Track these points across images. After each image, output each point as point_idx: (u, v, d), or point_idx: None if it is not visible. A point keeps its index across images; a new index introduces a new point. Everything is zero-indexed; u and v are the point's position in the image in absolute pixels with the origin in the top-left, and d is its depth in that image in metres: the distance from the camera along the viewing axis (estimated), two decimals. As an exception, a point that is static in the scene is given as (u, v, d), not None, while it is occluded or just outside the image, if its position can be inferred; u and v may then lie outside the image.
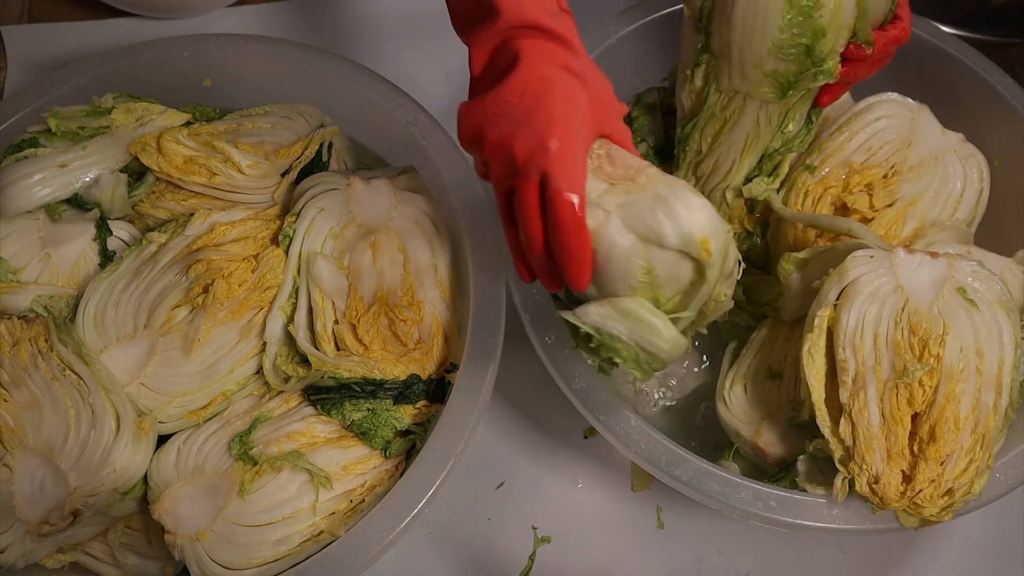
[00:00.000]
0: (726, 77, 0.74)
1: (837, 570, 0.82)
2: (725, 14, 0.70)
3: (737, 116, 0.76)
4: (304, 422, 0.73)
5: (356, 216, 0.78)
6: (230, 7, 1.10)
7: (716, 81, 0.75)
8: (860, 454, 0.66)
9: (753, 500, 0.68)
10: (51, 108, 0.82)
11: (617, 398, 0.71)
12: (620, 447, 0.69)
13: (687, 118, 0.79)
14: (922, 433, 0.66)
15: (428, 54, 1.08)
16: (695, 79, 0.76)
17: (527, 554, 0.81)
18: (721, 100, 0.76)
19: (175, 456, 0.71)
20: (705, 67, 0.75)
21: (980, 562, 0.82)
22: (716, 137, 0.78)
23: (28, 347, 0.71)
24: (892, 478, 0.66)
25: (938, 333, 0.66)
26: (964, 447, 0.66)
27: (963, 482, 0.65)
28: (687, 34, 0.76)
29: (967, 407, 0.66)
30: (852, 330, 0.68)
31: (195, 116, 0.86)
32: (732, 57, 0.72)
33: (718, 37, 0.72)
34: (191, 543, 0.68)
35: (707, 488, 0.68)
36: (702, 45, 0.74)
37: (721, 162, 0.79)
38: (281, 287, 0.76)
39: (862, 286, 0.68)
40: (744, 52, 0.71)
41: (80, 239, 0.80)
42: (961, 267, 0.69)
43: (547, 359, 0.73)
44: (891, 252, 0.70)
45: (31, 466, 0.68)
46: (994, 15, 1.11)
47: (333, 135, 0.86)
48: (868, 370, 0.67)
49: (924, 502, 0.65)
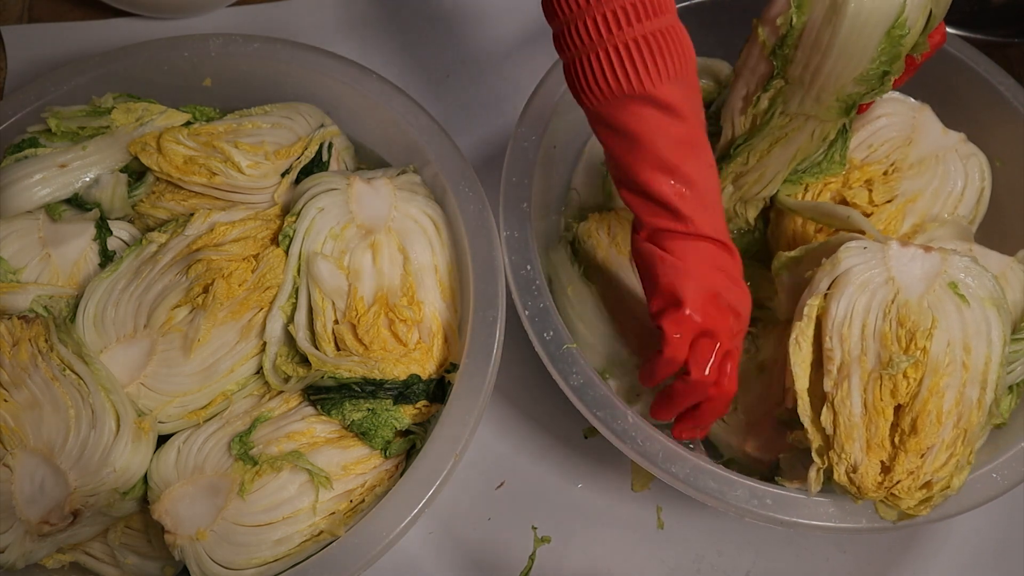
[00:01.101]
0: (796, 101, 0.73)
1: (837, 570, 0.82)
2: (819, 46, 0.68)
3: (794, 134, 0.76)
4: (304, 422, 0.73)
5: (356, 216, 0.78)
6: (230, 7, 1.10)
7: (783, 105, 0.74)
8: (840, 443, 0.67)
9: (749, 497, 0.68)
10: (51, 108, 0.82)
11: (614, 395, 0.71)
12: (617, 443, 0.69)
13: (741, 138, 0.78)
14: (903, 425, 0.66)
15: (428, 54, 1.08)
16: (760, 103, 0.74)
17: (527, 554, 0.81)
18: (781, 121, 0.75)
19: (175, 456, 0.71)
20: (773, 92, 0.73)
21: (980, 562, 0.82)
22: (767, 152, 0.78)
23: (28, 347, 0.71)
24: (870, 468, 0.66)
25: (926, 326, 0.67)
26: (945, 441, 0.66)
27: (942, 476, 0.66)
28: (752, 62, 0.74)
29: (951, 401, 0.66)
30: (840, 319, 0.68)
31: (195, 116, 0.86)
32: (814, 84, 0.71)
33: (801, 66, 0.70)
34: (191, 543, 0.68)
35: (703, 485, 0.68)
36: (777, 72, 0.72)
37: (766, 175, 0.79)
38: (281, 287, 0.76)
39: (853, 276, 0.69)
40: (829, 80, 0.70)
41: (80, 239, 0.79)
42: (955, 262, 0.69)
43: (545, 356, 0.72)
44: (885, 244, 0.70)
45: (31, 466, 0.68)
46: (994, 15, 1.11)
47: (333, 135, 0.86)
48: (854, 360, 0.67)
49: (902, 494, 0.66)
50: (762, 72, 0.73)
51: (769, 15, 0.71)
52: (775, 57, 0.71)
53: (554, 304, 0.74)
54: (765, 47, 0.72)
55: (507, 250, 0.76)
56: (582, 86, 0.64)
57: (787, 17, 0.69)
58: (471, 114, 1.04)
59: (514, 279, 0.75)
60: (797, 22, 0.68)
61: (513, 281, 0.75)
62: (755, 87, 0.75)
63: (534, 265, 0.75)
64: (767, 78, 0.73)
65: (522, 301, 0.74)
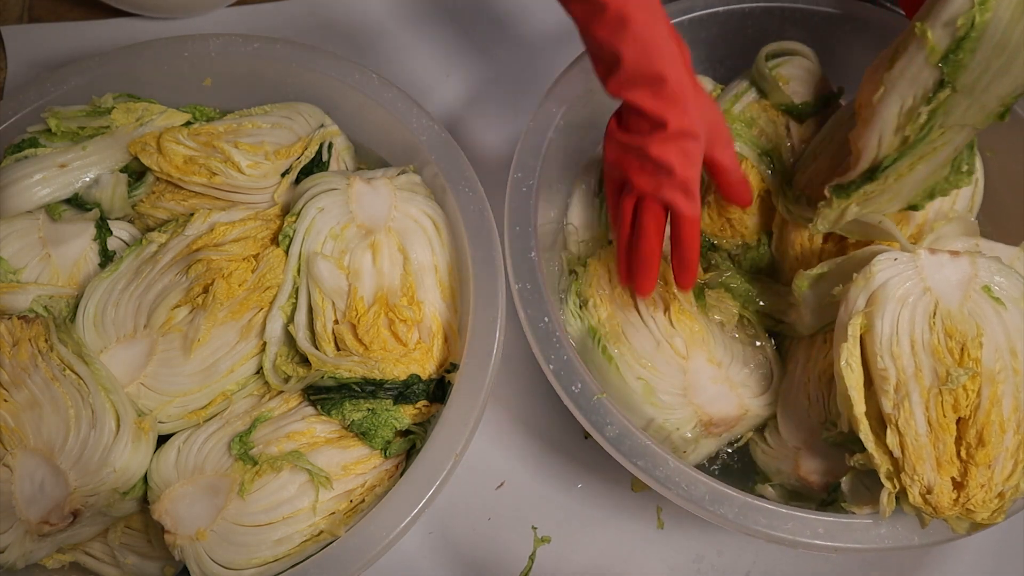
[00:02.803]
0: (959, 111, 0.67)
1: (837, 570, 0.82)
2: (1005, 46, 0.62)
3: (943, 148, 0.70)
4: (304, 422, 0.73)
5: (356, 216, 0.78)
6: (230, 7, 1.10)
7: (944, 116, 0.67)
8: (911, 465, 0.64)
9: (801, 529, 0.66)
10: (51, 108, 0.82)
11: (652, 442, 0.69)
12: (661, 490, 0.68)
13: (890, 160, 0.71)
14: (969, 438, 0.64)
15: (428, 54, 1.08)
16: (919, 118, 0.67)
17: (527, 554, 0.81)
18: (935, 134, 0.69)
19: (175, 456, 0.71)
20: (936, 104, 0.66)
21: (980, 562, 0.82)
22: (908, 171, 0.72)
23: (28, 347, 0.71)
24: (944, 487, 0.64)
25: (973, 335, 0.65)
26: (1009, 448, 0.64)
27: (1011, 484, 0.64)
28: (913, 71, 0.66)
29: (1008, 408, 0.65)
30: (888, 337, 0.66)
31: (195, 116, 0.86)
32: (989, 90, 0.65)
33: (978, 71, 0.64)
34: (191, 543, 0.68)
35: (754, 522, 0.66)
36: (947, 80, 0.65)
37: (902, 194, 0.74)
38: (281, 287, 0.76)
39: (891, 290, 0.67)
40: (1005, 83, 0.65)
41: (80, 239, 0.80)
42: (984, 265, 0.68)
43: (576, 409, 0.70)
44: (915, 253, 0.68)
45: (31, 466, 0.68)
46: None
47: (333, 135, 0.86)
48: (910, 377, 0.65)
49: (977, 508, 0.64)
50: (926, 82, 0.66)
51: (942, 16, 0.63)
52: (946, 63, 0.64)
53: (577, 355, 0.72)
54: (933, 53, 0.64)
55: (521, 303, 0.73)
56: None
57: (969, 16, 0.62)
58: (471, 114, 1.04)
59: (533, 333, 0.73)
60: (979, 21, 0.62)
61: (532, 336, 0.72)
62: (917, 100, 0.67)
63: (551, 316, 0.73)
64: (933, 88, 0.66)
65: (544, 355, 0.72)
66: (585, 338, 0.78)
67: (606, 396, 0.70)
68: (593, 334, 0.77)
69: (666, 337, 0.77)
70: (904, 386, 0.65)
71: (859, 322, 0.67)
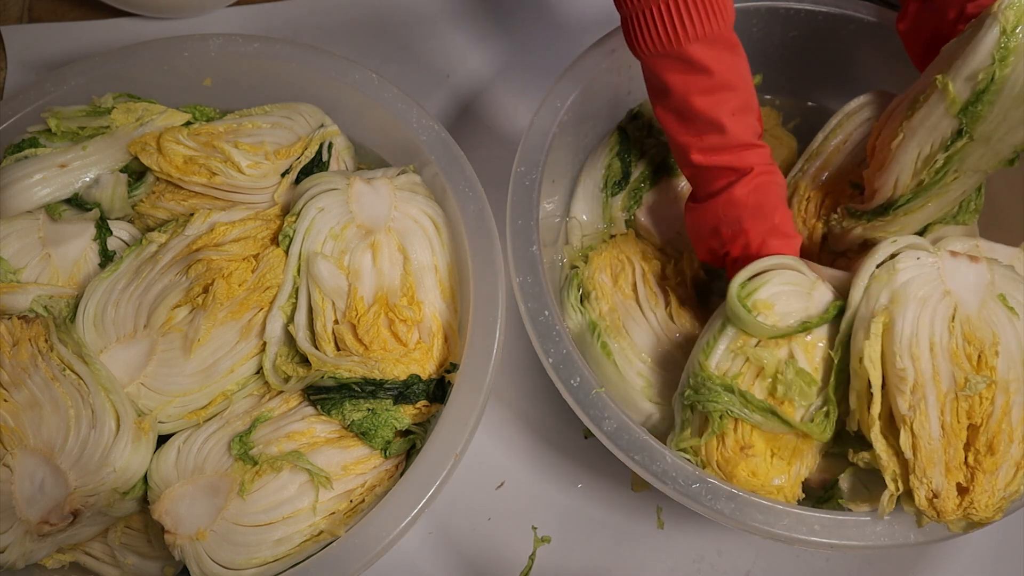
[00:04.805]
0: (974, 158, 0.70)
1: (837, 570, 0.82)
2: (1022, 99, 0.65)
3: (955, 189, 0.73)
4: (304, 422, 0.73)
5: (356, 216, 0.78)
6: (230, 7, 1.10)
7: (959, 163, 0.70)
8: (921, 468, 0.64)
9: (797, 525, 0.66)
10: (51, 108, 0.82)
11: (650, 437, 0.69)
12: (659, 485, 0.68)
13: (903, 199, 0.74)
14: (979, 445, 0.64)
15: (428, 54, 1.08)
16: (936, 163, 0.70)
17: (527, 554, 0.81)
18: (950, 178, 0.71)
19: (175, 456, 0.71)
20: (953, 151, 0.69)
21: (980, 561, 0.82)
22: (919, 208, 0.74)
23: (28, 347, 0.71)
24: (950, 492, 0.64)
25: (990, 342, 0.65)
26: (1014, 457, 0.65)
27: (1012, 488, 0.64)
28: (933, 120, 0.69)
29: (1017, 417, 0.65)
30: (908, 337, 0.65)
31: (195, 116, 0.86)
32: (1004, 140, 0.68)
33: (996, 121, 0.67)
34: (191, 543, 0.68)
35: (751, 519, 0.66)
36: (965, 130, 0.68)
37: (909, 227, 0.76)
38: (281, 287, 0.76)
39: (913, 290, 0.66)
40: (1020, 133, 0.67)
41: (80, 239, 0.80)
42: (1000, 272, 0.68)
43: (574, 402, 0.70)
44: (937, 255, 0.68)
45: (31, 466, 0.68)
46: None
47: (333, 135, 0.86)
48: (928, 380, 0.65)
49: (978, 511, 0.64)
50: (945, 131, 0.69)
51: (963, 71, 0.66)
52: (965, 114, 0.67)
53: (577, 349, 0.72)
54: (954, 104, 0.67)
55: (522, 297, 0.73)
56: (630, 41, 0.71)
57: (990, 71, 0.64)
58: (471, 114, 1.04)
59: (533, 327, 0.73)
60: (999, 75, 0.64)
61: (532, 329, 0.73)
62: (935, 148, 0.70)
63: (552, 310, 0.73)
64: (951, 137, 0.69)
65: (544, 348, 0.72)
66: (584, 332, 0.78)
67: (605, 390, 0.70)
68: (593, 328, 0.78)
69: (666, 332, 0.78)
70: (921, 388, 0.65)
71: (882, 320, 0.66)
